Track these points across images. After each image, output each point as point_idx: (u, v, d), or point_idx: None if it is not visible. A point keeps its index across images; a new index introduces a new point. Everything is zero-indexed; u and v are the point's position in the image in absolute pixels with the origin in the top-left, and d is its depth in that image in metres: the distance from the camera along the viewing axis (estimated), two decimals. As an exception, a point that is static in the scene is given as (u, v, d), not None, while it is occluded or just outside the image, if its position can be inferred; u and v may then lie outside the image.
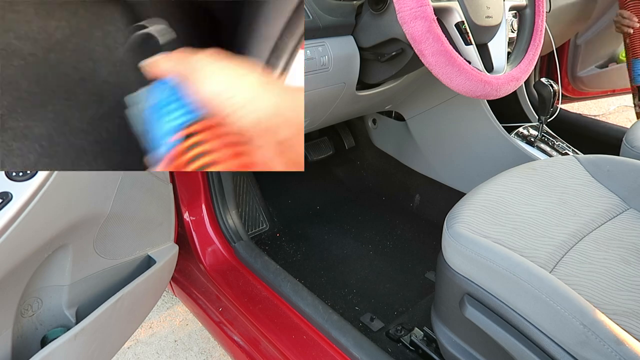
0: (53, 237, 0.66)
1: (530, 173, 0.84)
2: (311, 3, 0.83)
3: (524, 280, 0.60)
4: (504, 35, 0.91)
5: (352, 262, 1.28)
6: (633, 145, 1.03)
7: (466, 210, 0.74)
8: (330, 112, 1.05)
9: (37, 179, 0.58)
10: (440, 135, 1.39)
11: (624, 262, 0.67)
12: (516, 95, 1.61)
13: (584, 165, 0.88)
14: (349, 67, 0.92)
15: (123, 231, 0.82)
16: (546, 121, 1.30)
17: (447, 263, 0.71)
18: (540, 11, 0.94)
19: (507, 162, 1.23)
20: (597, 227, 0.75)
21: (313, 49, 0.84)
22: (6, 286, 0.63)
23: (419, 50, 0.76)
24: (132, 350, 1.31)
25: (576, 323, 0.55)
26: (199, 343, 1.34)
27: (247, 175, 1.38)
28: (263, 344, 0.96)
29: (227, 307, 1.06)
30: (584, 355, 0.55)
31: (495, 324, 0.64)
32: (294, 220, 1.44)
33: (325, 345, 0.90)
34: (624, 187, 0.83)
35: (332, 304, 1.09)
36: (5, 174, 0.57)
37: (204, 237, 1.13)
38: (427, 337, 0.97)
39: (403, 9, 0.73)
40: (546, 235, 0.71)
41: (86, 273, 0.78)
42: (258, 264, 1.06)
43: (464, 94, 0.81)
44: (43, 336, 0.75)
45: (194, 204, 1.13)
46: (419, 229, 1.41)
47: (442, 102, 1.34)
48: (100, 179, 0.72)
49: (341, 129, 1.69)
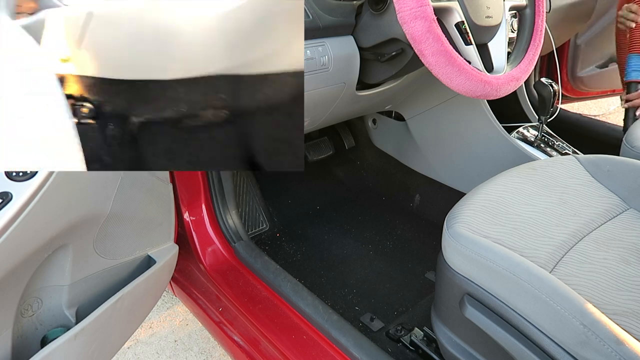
0: (53, 237, 0.66)
1: (530, 173, 0.84)
2: (311, 3, 0.83)
3: (524, 280, 0.60)
4: (504, 35, 0.91)
5: (352, 262, 1.28)
6: (633, 145, 1.03)
7: (466, 210, 0.74)
8: (330, 112, 1.05)
9: (37, 179, 0.58)
10: (440, 135, 1.39)
11: (624, 262, 0.67)
12: (516, 95, 1.61)
13: (584, 165, 0.88)
14: (349, 67, 0.92)
15: (123, 231, 0.82)
16: (546, 121, 1.30)
17: (447, 263, 0.71)
18: (540, 11, 0.94)
19: (507, 162, 1.23)
20: (597, 227, 0.75)
21: (313, 49, 0.84)
22: (6, 286, 0.63)
23: (419, 50, 0.76)
24: (132, 350, 1.31)
25: (576, 323, 0.55)
26: (199, 343, 1.34)
27: (247, 175, 1.38)
28: (263, 344, 0.96)
29: (227, 307, 1.06)
30: (584, 355, 0.55)
31: (495, 324, 0.64)
32: (294, 220, 1.44)
33: (325, 345, 0.90)
34: (624, 187, 0.83)
35: (332, 304, 1.09)
36: (5, 174, 0.57)
37: (204, 237, 1.13)
38: (427, 337, 0.97)
39: (403, 9, 0.73)
40: (546, 235, 0.70)
41: (86, 273, 0.78)
42: (258, 264, 1.06)
43: (464, 94, 0.81)
44: (43, 336, 0.75)
45: (194, 204, 1.13)
46: (419, 229, 1.41)
47: (442, 102, 1.34)
48: (100, 179, 0.72)
49: (341, 129, 1.69)
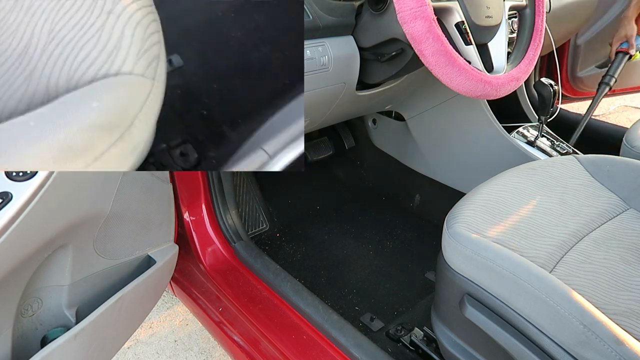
0: (53, 237, 0.66)
1: (530, 173, 0.84)
2: (311, 3, 0.83)
3: (524, 280, 0.60)
4: (504, 35, 0.91)
5: (352, 262, 1.28)
6: (633, 145, 1.03)
7: (466, 210, 0.74)
8: (330, 112, 1.05)
9: (37, 179, 0.58)
10: (440, 135, 1.39)
11: (624, 262, 0.67)
12: (516, 95, 1.61)
13: (584, 165, 0.88)
14: (349, 67, 0.92)
15: (123, 231, 0.82)
16: (546, 121, 1.30)
17: (447, 263, 0.71)
18: (540, 11, 0.94)
19: (507, 162, 1.23)
20: (597, 227, 0.75)
21: (313, 49, 0.84)
22: (6, 286, 0.63)
23: (419, 50, 0.76)
24: (132, 350, 1.31)
25: (576, 323, 0.55)
26: (199, 343, 1.34)
27: (247, 175, 1.38)
28: (263, 344, 0.96)
29: (227, 307, 1.05)
30: (584, 355, 0.55)
31: (495, 324, 0.64)
32: (294, 220, 1.44)
33: (325, 345, 0.90)
34: (624, 187, 0.83)
35: (332, 304, 1.09)
36: (5, 174, 0.57)
37: (204, 237, 1.13)
38: (427, 337, 0.97)
39: (403, 9, 0.73)
40: (546, 235, 0.70)
41: (86, 273, 0.78)
42: (258, 264, 1.06)
43: (464, 94, 0.81)
44: (43, 336, 0.75)
45: (194, 204, 1.13)
46: (419, 229, 1.41)
47: (442, 102, 1.34)
48: (100, 179, 0.72)
49: (341, 129, 1.69)
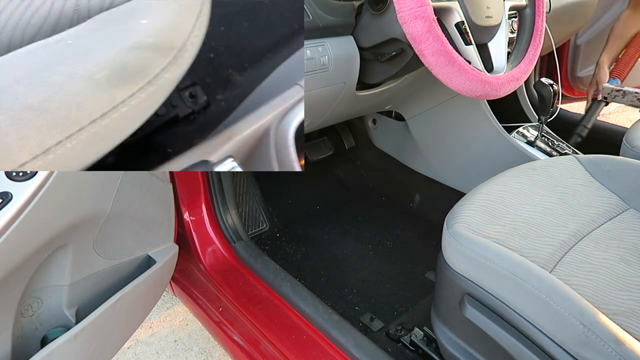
0: (53, 237, 0.66)
1: (530, 173, 0.84)
2: (311, 3, 0.83)
3: (524, 280, 0.60)
4: (504, 35, 0.91)
5: (352, 262, 1.28)
6: (633, 145, 1.03)
7: (466, 210, 0.74)
8: (330, 112, 1.05)
9: (37, 179, 0.58)
10: (440, 135, 1.39)
11: (624, 262, 0.67)
12: (516, 95, 1.61)
13: (584, 165, 0.88)
14: (349, 67, 0.92)
15: (123, 231, 0.82)
16: (546, 121, 1.30)
17: (447, 263, 0.71)
18: (540, 11, 0.94)
19: (507, 162, 1.23)
20: (597, 227, 0.75)
21: (313, 49, 0.84)
22: (6, 286, 0.63)
23: (419, 50, 0.76)
24: (132, 350, 1.31)
25: (576, 323, 0.55)
26: (199, 343, 1.34)
27: (247, 175, 1.38)
28: (263, 344, 0.96)
29: (227, 307, 1.05)
30: (584, 355, 0.55)
31: (495, 324, 0.64)
32: (294, 220, 1.44)
33: (325, 345, 0.90)
34: (624, 187, 0.83)
35: (332, 304, 1.09)
36: (5, 174, 0.57)
37: (204, 237, 1.13)
38: (427, 337, 0.97)
39: (403, 8, 0.73)
40: (546, 235, 0.70)
41: (86, 273, 0.79)
42: (258, 264, 1.06)
43: (464, 94, 0.81)
44: (43, 336, 0.75)
45: (194, 204, 1.13)
46: (419, 229, 1.41)
47: (442, 102, 1.34)
48: (100, 179, 0.72)
49: (341, 129, 1.69)
